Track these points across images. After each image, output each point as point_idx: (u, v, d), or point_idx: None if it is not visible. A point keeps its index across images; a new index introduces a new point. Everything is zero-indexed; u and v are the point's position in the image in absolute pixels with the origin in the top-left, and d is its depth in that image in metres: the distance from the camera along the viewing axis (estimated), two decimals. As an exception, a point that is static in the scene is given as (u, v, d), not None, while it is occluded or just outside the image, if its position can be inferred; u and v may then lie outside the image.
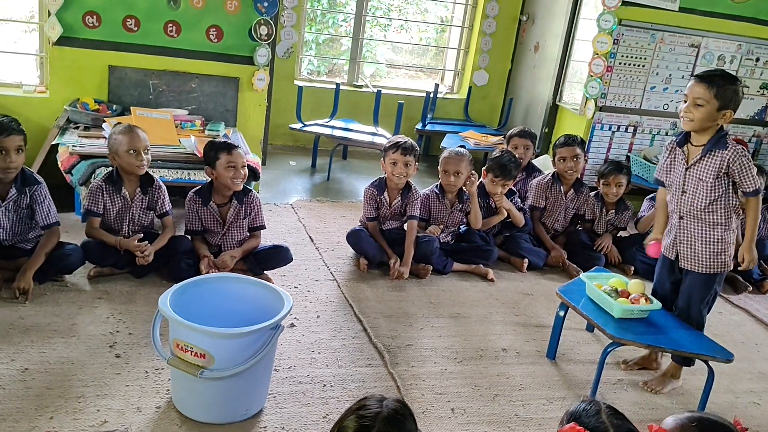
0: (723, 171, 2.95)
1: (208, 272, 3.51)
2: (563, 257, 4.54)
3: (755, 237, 3.09)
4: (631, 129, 5.89)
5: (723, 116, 2.91)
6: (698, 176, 3.01)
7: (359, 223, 4.35)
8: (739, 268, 3.21)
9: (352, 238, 4.19)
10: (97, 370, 2.81)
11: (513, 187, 4.66)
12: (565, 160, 4.55)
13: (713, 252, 3.07)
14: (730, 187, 3.00)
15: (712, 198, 3.00)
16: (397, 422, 1.57)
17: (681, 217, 3.13)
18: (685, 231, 3.12)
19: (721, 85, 2.86)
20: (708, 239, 3.07)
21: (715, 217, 3.04)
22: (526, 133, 4.96)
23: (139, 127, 3.69)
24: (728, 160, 2.93)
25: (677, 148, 3.11)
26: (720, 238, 3.06)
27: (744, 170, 2.93)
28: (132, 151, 3.55)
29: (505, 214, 4.49)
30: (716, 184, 2.98)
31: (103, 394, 2.66)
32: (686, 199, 3.08)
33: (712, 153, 2.96)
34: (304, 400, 2.79)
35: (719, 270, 3.11)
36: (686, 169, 3.05)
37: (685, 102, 2.96)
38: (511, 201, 4.58)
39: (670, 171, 3.14)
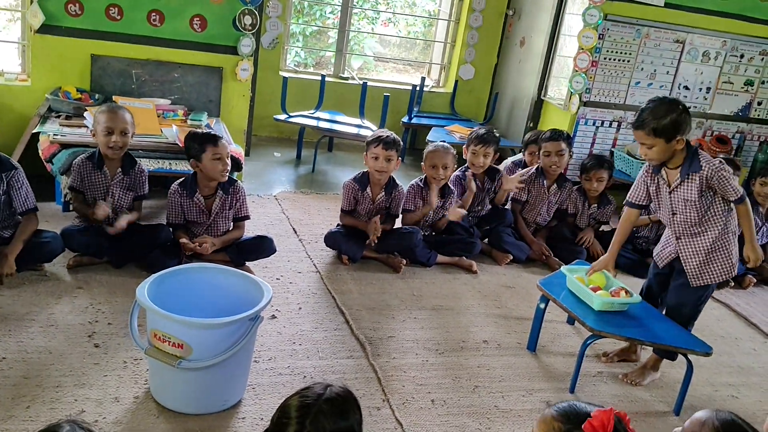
0: (705, 187, 3.00)
1: (186, 244, 3.57)
2: (546, 251, 4.55)
3: (755, 236, 3.17)
4: (615, 124, 5.91)
5: (677, 142, 2.95)
6: (684, 197, 3.04)
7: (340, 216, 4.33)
8: (748, 266, 3.26)
9: (330, 240, 4.17)
10: (75, 360, 2.79)
11: (499, 168, 4.71)
12: (549, 155, 4.55)
13: (719, 262, 3.11)
14: (716, 195, 3.04)
15: (702, 212, 3.05)
16: (338, 405, 1.59)
17: (678, 238, 3.16)
18: (687, 250, 3.14)
19: (657, 123, 2.90)
20: (711, 251, 3.10)
21: (710, 227, 3.08)
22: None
23: (126, 108, 3.68)
24: (706, 177, 2.98)
25: (656, 175, 3.14)
26: (722, 246, 3.09)
27: (723, 182, 2.97)
28: (107, 131, 3.54)
29: (474, 189, 4.50)
30: (702, 200, 3.03)
31: (81, 383, 2.64)
32: (678, 219, 3.11)
33: (690, 177, 3.00)
34: (284, 392, 2.77)
35: (728, 277, 3.16)
36: (670, 192, 3.08)
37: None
38: (495, 178, 4.63)
39: (656, 196, 3.17)
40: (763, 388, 3.43)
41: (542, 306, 3.38)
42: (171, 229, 3.74)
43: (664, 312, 3.31)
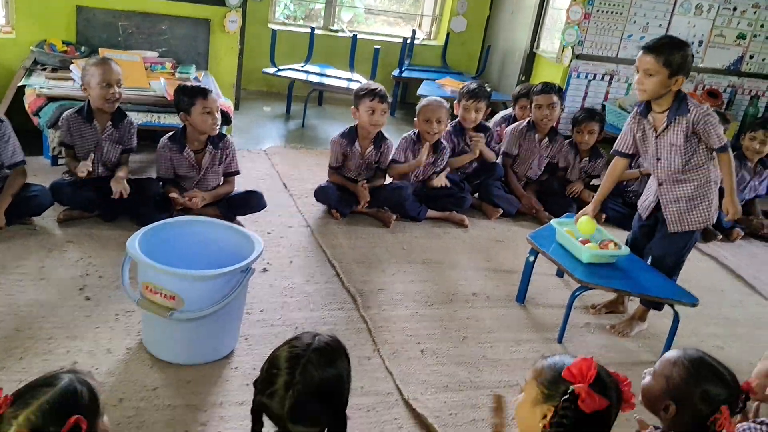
0: (691, 132, 2.99)
1: (176, 199, 3.57)
2: (536, 205, 4.56)
3: (735, 189, 3.14)
4: (607, 78, 5.88)
5: (675, 82, 2.93)
6: (669, 142, 3.04)
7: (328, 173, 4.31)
8: (727, 218, 3.27)
9: (320, 195, 4.16)
10: (67, 313, 2.80)
11: (488, 125, 4.67)
12: (541, 107, 4.53)
13: (699, 209, 3.12)
14: (701, 143, 3.03)
15: (687, 159, 3.05)
16: (327, 354, 1.60)
17: (660, 184, 3.16)
18: (668, 196, 3.15)
19: (669, 54, 2.88)
20: (692, 198, 3.11)
21: (693, 175, 3.08)
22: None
23: (112, 59, 3.64)
24: (692, 121, 2.97)
25: (642, 119, 3.12)
26: (703, 194, 3.10)
27: (709, 128, 2.97)
28: (104, 84, 3.50)
29: (477, 153, 4.49)
30: (688, 145, 3.02)
31: (73, 335, 2.65)
32: (662, 165, 3.11)
33: (677, 120, 2.99)
34: (276, 342, 2.71)
35: (705, 225, 3.17)
36: (656, 137, 3.08)
37: (637, 73, 2.99)
38: (487, 135, 4.59)
39: (642, 141, 3.17)
40: (749, 339, 3.49)
41: (531, 259, 3.40)
42: (161, 183, 3.73)
43: (648, 263, 3.35)
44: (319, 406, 1.56)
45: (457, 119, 4.55)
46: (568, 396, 1.51)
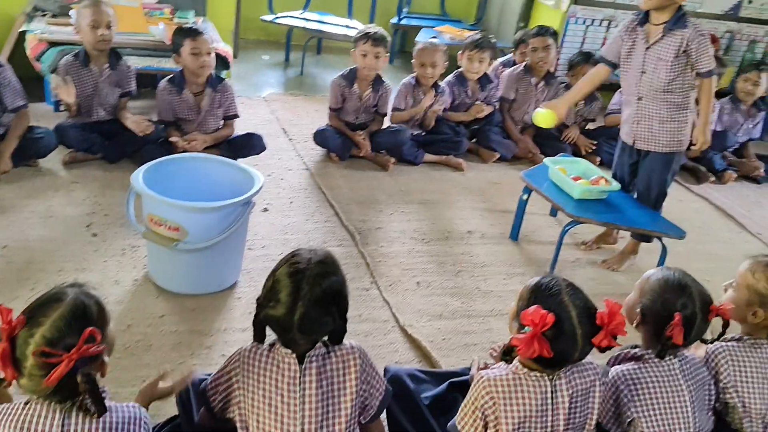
0: (682, 50, 3.00)
1: (177, 142, 3.63)
2: (532, 149, 4.63)
3: (709, 119, 3.15)
4: (605, 23, 5.87)
5: None
6: (658, 56, 3.06)
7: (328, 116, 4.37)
8: (692, 148, 3.29)
9: (319, 137, 4.23)
10: (76, 248, 2.91)
11: (491, 78, 4.71)
12: (536, 50, 4.56)
13: (669, 131, 3.15)
14: (689, 66, 3.05)
15: (671, 77, 3.06)
16: (328, 264, 1.67)
17: (640, 98, 3.18)
18: (643, 111, 3.18)
19: None
20: (665, 119, 3.14)
21: (673, 97, 3.11)
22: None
23: (106, 3, 3.67)
24: (688, 38, 2.98)
25: (638, 28, 3.13)
26: (677, 118, 3.13)
27: (701, 49, 2.98)
28: (93, 24, 3.54)
29: (471, 118, 4.56)
30: (675, 63, 3.03)
31: (82, 268, 2.76)
32: (645, 79, 3.13)
33: (673, 32, 3.01)
34: None
35: (675, 149, 3.20)
36: (646, 49, 3.09)
37: None
38: (489, 88, 4.64)
39: (629, 54, 3.17)
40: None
41: (525, 197, 3.49)
42: (162, 126, 3.79)
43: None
44: (327, 314, 1.63)
45: (459, 70, 4.58)
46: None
